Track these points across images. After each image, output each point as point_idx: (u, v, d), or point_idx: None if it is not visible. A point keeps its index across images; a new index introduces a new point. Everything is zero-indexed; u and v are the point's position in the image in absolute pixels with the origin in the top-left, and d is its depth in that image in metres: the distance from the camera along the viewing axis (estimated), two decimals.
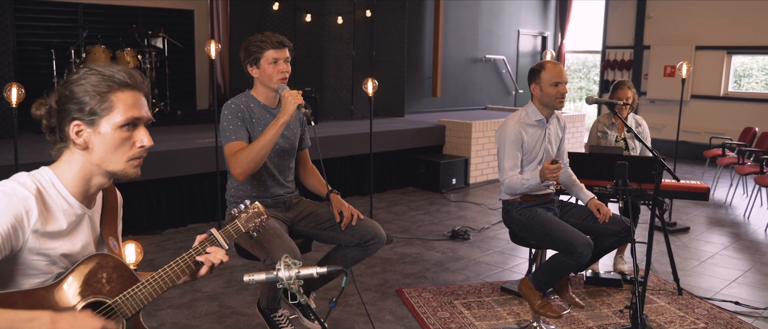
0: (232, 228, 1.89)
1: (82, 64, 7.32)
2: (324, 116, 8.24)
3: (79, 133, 1.60)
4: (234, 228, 1.90)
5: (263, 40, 2.88)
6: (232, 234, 1.88)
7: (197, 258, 1.77)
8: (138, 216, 5.41)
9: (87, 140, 1.60)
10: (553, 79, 3.40)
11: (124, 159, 1.65)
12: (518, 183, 3.37)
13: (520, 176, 3.39)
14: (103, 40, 7.37)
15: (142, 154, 1.67)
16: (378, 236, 2.94)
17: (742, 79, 10.40)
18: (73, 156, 1.63)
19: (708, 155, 8.01)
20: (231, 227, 1.89)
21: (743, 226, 6.14)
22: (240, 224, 1.91)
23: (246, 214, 1.95)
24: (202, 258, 1.78)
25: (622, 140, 4.62)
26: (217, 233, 1.82)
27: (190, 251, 1.78)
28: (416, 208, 6.63)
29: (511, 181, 3.40)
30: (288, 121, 2.73)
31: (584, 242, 3.12)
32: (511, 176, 3.41)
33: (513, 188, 3.41)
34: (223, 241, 1.82)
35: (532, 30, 11.89)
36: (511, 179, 3.40)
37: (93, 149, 1.61)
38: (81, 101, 1.58)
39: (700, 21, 10.18)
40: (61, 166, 1.63)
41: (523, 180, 3.35)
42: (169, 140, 5.98)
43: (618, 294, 4.17)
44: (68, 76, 1.61)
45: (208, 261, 1.78)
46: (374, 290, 4.20)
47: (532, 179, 3.32)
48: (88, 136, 1.60)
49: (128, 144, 1.64)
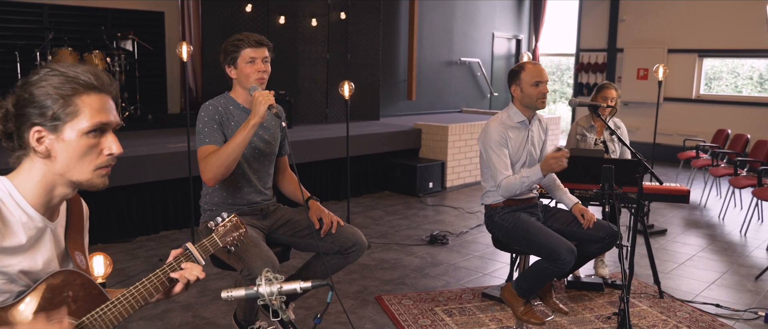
0: (208, 242, 1.77)
1: None
2: (298, 119, 8.12)
3: (40, 140, 1.46)
4: (211, 243, 1.78)
5: (241, 39, 2.77)
6: (209, 249, 1.77)
7: (172, 274, 1.65)
8: (107, 224, 5.23)
9: (49, 148, 1.46)
10: (534, 79, 3.34)
11: (91, 168, 1.52)
12: (517, 182, 3.27)
13: (518, 176, 3.30)
14: (70, 42, 7.15)
15: (110, 162, 1.54)
16: (359, 243, 2.84)
17: (712, 82, 10.52)
18: (33, 164, 1.49)
19: (682, 157, 8.06)
20: (207, 241, 1.78)
21: (719, 227, 6.17)
22: (217, 239, 1.80)
23: (223, 227, 1.83)
24: (176, 274, 1.65)
25: (602, 142, 4.60)
26: (193, 248, 1.71)
27: (164, 267, 1.65)
28: (393, 212, 6.55)
29: (509, 182, 3.29)
30: (259, 122, 2.61)
31: (567, 249, 3.06)
32: (508, 177, 3.31)
33: (512, 189, 3.29)
34: (199, 256, 1.71)
35: (507, 33, 11.91)
36: (508, 180, 3.29)
37: (56, 157, 1.47)
38: (42, 105, 1.43)
39: (673, 24, 10.29)
40: (20, 175, 1.49)
41: (523, 178, 3.25)
42: (140, 145, 5.81)
43: (600, 298, 4.13)
44: (27, 77, 1.46)
45: (183, 277, 1.66)
46: (353, 297, 4.10)
47: (532, 175, 3.23)
48: (50, 143, 1.46)
49: (95, 152, 1.51)
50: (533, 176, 3.24)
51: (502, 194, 3.37)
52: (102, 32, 7.53)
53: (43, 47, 6.98)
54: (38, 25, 7.50)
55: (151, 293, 1.60)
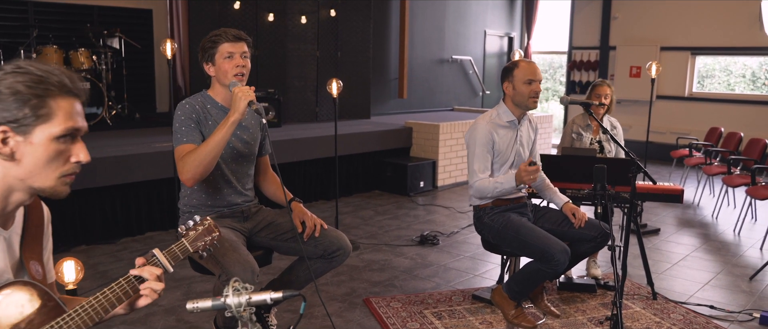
0: (178, 248, 1.67)
1: None
2: (288, 118, 8.02)
3: (5, 140, 1.35)
4: (180, 248, 1.67)
5: (218, 35, 2.67)
6: (178, 255, 1.66)
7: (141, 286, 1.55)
8: (91, 225, 5.12)
9: (14, 149, 1.36)
10: (527, 76, 3.27)
11: (56, 175, 1.42)
12: (490, 187, 3.22)
13: (491, 180, 3.24)
14: (56, 40, 7.03)
15: (75, 170, 1.44)
16: (343, 247, 2.75)
17: (705, 80, 10.48)
18: None
19: (675, 155, 8.01)
20: (177, 247, 1.67)
21: (712, 227, 6.11)
22: (187, 244, 1.69)
23: (194, 231, 1.72)
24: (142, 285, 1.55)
25: (597, 142, 4.52)
26: (160, 255, 1.60)
27: (128, 276, 1.55)
28: (383, 212, 6.46)
29: (482, 184, 3.24)
30: (239, 120, 2.50)
31: (561, 249, 2.98)
32: (482, 179, 3.25)
33: (483, 191, 3.25)
34: (167, 263, 1.61)
35: (499, 31, 11.83)
36: (482, 183, 3.25)
37: (21, 160, 1.37)
38: (11, 103, 1.33)
39: (666, 22, 10.23)
40: None
41: (496, 184, 3.20)
42: (126, 144, 5.71)
43: (592, 299, 4.05)
44: None
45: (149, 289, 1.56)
46: (340, 300, 4.01)
47: (505, 182, 3.17)
48: (16, 145, 1.36)
49: (62, 158, 1.41)
50: (507, 184, 3.19)
51: (473, 193, 3.33)
52: (87, 30, 7.39)
53: (27, 45, 6.85)
54: (22, 23, 7.37)
55: (113, 303, 1.49)
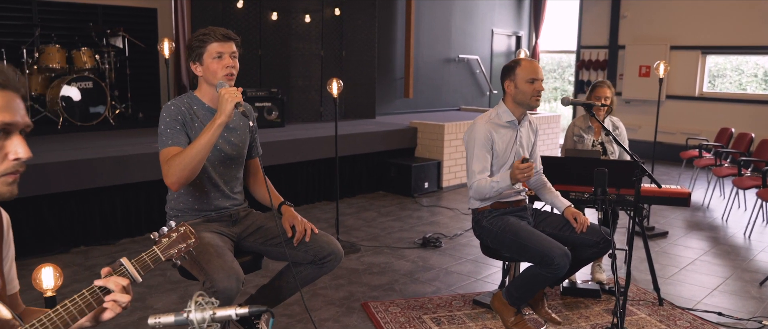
0: (148, 257, 1.58)
1: (35, 65, 6.99)
2: (292, 118, 7.96)
3: None
4: (151, 256, 1.59)
5: (206, 34, 2.59)
6: (149, 264, 1.58)
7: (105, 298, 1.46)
8: (90, 226, 5.08)
9: None
10: (529, 75, 3.18)
11: None
12: (487, 186, 3.13)
13: (489, 179, 3.15)
14: (58, 39, 7.01)
15: (17, 168, 1.36)
16: (334, 253, 2.67)
17: (716, 80, 10.33)
18: None
19: (684, 156, 7.87)
20: (147, 255, 1.59)
21: (722, 229, 5.98)
22: (158, 252, 1.61)
23: (167, 238, 1.64)
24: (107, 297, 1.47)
25: (600, 144, 4.42)
26: (129, 264, 1.52)
27: (92, 286, 1.47)
28: (387, 214, 6.38)
29: (480, 184, 3.16)
30: (226, 122, 2.42)
31: (561, 253, 2.89)
32: (480, 180, 3.17)
33: (482, 192, 3.17)
34: (135, 273, 1.53)
35: (507, 29, 11.71)
36: (480, 183, 3.17)
37: None
38: None
39: (675, 21, 10.09)
40: None
41: (493, 183, 3.11)
42: (127, 144, 5.66)
43: (596, 305, 3.95)
44: None
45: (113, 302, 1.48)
46: (338, 304, 3.93)
47: (501, 181, 3.08)
48: None
49: None
50: (503, 183, 3.11)
51: (472, 195, 3.25)
52: (90, 28, 7.36)
53: (30, 44, 6.83)
54: (26, 22, 7.35)
55: (74, 316, 1.41)
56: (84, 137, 6.18)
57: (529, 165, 2.96)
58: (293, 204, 2.81)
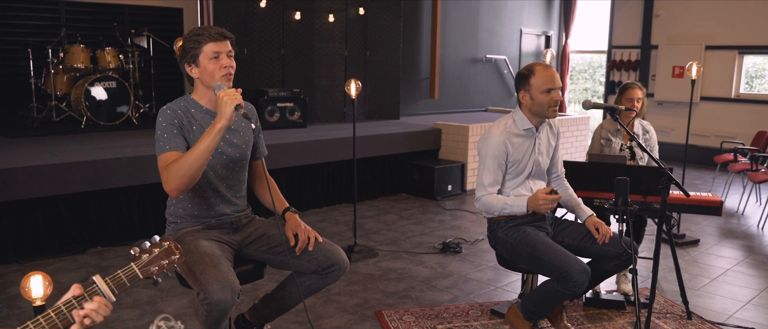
0: (125, 275, 1.48)
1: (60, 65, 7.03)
2: (315, 118, 7.88)
3: None
4: (128, 274, 1.48)
5: (200, 34, 2.49)
6: (125, 282, 1.47)
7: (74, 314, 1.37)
8: (108, 226, 5.06)
9: None
10: (545, 85, 2.99)
11: None
12: (497, 205, 2.97)
13: (500, 198, 2.99)
14: (83, 39, 7.04)
15: None
16: (339, 263, 2.56)
17: (753, 81, 9.97)
18: None
19: (718, 160, 7.58)
20: (124, 273, 1.49)
21: (757, 238, 5.73)
22: (136, 269, 1.50)
23: (148, 254, 1.53)
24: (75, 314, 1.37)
25: (628, 148, 4.23)
26: (102, 282, 1.42)
27: (59, 305, 1.38)
28: (407, 217, 6.25)
29: (489, 201, 3.01)
30: (226, 126, 2.33)
31: (580, 269, 2.73)
32: (490, 195, 3.01)
33: (489, 208, 3.02)
34: (108, 291, 1.43)
35: (536, 29, 11.48)
36: (489, 199, 3.01)
37: None
38: None
39: (711, 19, 9.76)
40: None
41: (505, 205, 2.95)
42: (147, 144, 5.64)
43: (620, 317, 3.78)
44: None
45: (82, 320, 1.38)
46: (351, 312, 3.83)
47: (514, 206, 2.92)
48: None
49: None
50: (516, 208, 2.95)
51: (478, 207, 3.09)
52: (114, 28, 7.38)
53: (55, 44, 6.87)
54: (53, 22, 7.41)
55: None
56: (106, 136, 6.19)
57: (557, 197, 2.79)
58: (297, 210, 2.71)
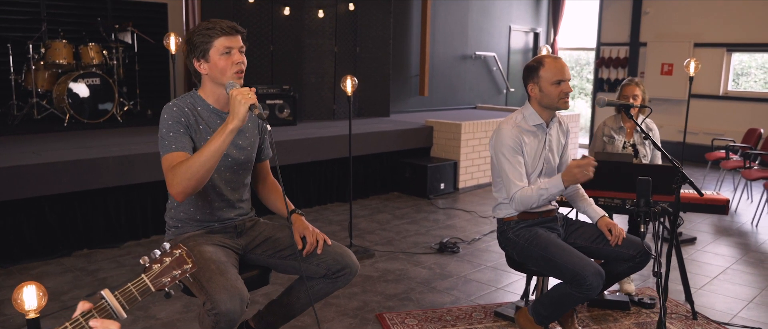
0: (136, 288, 1.34)
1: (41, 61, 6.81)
2: (304, 116, 7.74)
3: None
4: (139, 287, 1.35)
5: (211, 28, 2.33)
6: (136, 296, 1.34)
7: None
8: (95, 228, 4.89)
9: None
10: (555, 77, 2.91)
11: None
12: (534, 195, 2.84)
13: (534, 187, 2.86)
14: (65, 34, 6.83)
15: None
16: (349, 266, 2.45)
17: (739, 78, 10.00)
18: None
19: (710, 157, 7.58)
20: (134, 286, 1.35)
21: (752, 236, 5.71)
22: (148, 282, 1.36)
23: (159, 264, 1.39)
24: None
25: (631, 146, 4.17)
26: (111, 297, 1.29)
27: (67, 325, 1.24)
28: (401, 216, 6.15)
29: (524, 194, 2.87)
30: (239, 126, 2.19)
31: (594, 272, 2.64)
32: (523, 189, 2.89)
33: (527, 202, 2.88)
34: (119, 307, 1.29)
35: (524, 26, 11.43)
36: (524, 192, 2.87)
37: None
38: None
39: (699, 17, 9.77)
40: None
41: (541, 190, 2.82)
42: (134, 142, 5.47)
43: (626, 318, 3.70)
44: None
45: None
46: (352, 315, 3.71)
47: (552, 186, 2.79)
48: None
49: None
50: (553, 189, 2.81)
51: (515, 208, 2.95)
52: (98, 24, 7.18)
53: (36, 39, 6.67)
54: (34, 16, 7.18)
55: None
56: (90, 135, 6.00)
57: (590, 161, 2.69)
58: (304, 212, 2.58)
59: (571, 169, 2.74)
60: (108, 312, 1.29)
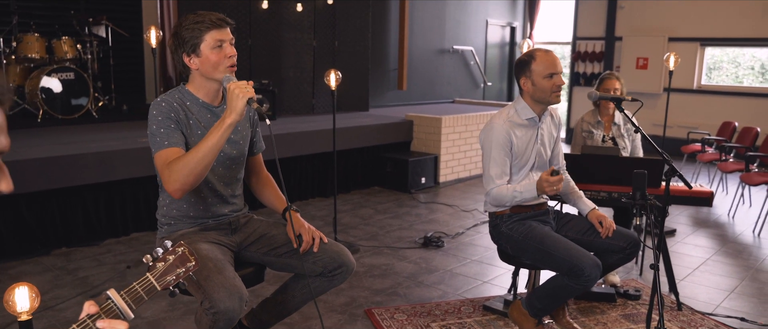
0: (141, 287, 1.31)
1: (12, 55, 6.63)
2: (283, 110, 7.67)
3: None
4: (145, 287, 1.32)
5: (200, 21, 2.26)
6: (142, 296, 1.31)
7: None
8: (73, 226, 4.78)
9: None
10: (547, 70, 2.93)
11: None
12: (508, 195, 2.88)
13: (510, 187, 2.90)
14: (38, 27, 6.67)
15: None
16: (345, 264, 2.42)
17: (712, 72, 10.17)
18: None
19: (686, 150, 7.69)
20: (140, 285, 1.32)
21: (729, 227, 5.80)
22: (153, 280, 1.33)
23: (163, 262, 1.36)
24: None
25: (610, 139, 4.21)
26: (118, 297, 1.25)
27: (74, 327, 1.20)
28: (383, 211, 6.13)
29: (499, 192, 2.91)
30: (237, 121, 2.15)
31: (592, 263, 2.65)
32: (499, 187, 2.92)
33: (501, 199, 2.92)
34: (126, 307, 1.26)
35: (501, 20, 11.48)
36: (500, 190, 2.91)
37: None
38: None
39: (674, 12, 9.90)
40: None
41: (515, 193, 2.86)
42: (111, 138, 5.36)
43: (612, 310, 3.74)
44: None
45: None
46: (340, 311, 3.69)
47: (525, 191, 2.83)
48: None
49: None
50: (527, 194, 2.87)
51: (489, 201, 3.00)
52: (71, 17, 7.02)
53: (6, 33, 6.50)
54: (3, 9, 7.01)
55: None
56: (66, 130, 5.87)
57: (560, 179, 2.71)
58: (299, 208, 2.54)
59: (541, 182, 2.77)
60: (115, 312, 1.26)
